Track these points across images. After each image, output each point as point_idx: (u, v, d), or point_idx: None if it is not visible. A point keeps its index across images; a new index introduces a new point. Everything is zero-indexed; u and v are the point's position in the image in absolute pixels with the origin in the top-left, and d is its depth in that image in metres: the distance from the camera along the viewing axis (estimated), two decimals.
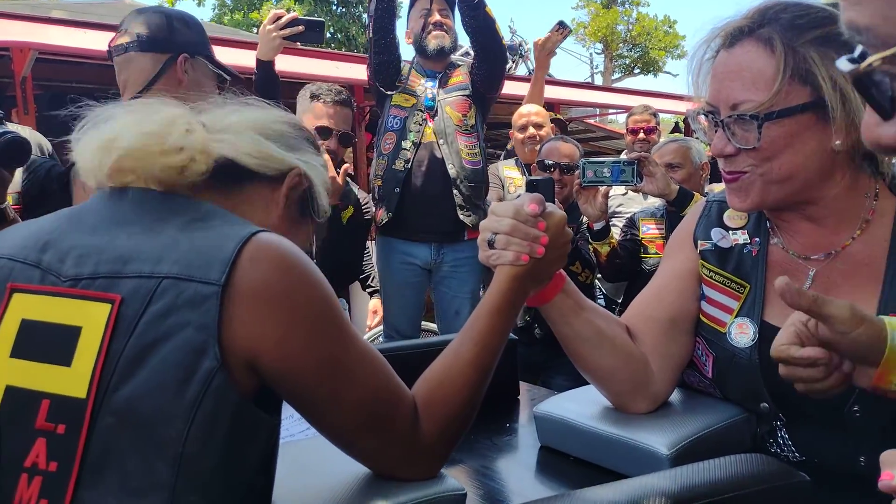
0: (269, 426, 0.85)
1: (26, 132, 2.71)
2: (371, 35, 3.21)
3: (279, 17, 2.48)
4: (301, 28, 2.49)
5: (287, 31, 2.46)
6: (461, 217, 3.19)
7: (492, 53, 3.23)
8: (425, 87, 3.28)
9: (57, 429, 0.80)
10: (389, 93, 3.28)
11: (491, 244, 1.11)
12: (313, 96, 2.88)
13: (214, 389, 0.79)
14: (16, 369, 0.83)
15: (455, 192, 3.18)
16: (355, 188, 3.30)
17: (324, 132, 2.82)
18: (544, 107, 4.13)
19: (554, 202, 1.16)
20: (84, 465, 0.78)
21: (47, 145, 2.75)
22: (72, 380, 0.81)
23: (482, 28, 3.15)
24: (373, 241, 3.47)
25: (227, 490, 0.81)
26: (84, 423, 0.79)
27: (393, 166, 3.20)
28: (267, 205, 1.04)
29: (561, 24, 3.92)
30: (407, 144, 3.20)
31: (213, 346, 0.80)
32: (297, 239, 1.02)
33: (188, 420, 0.78)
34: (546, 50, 3.93)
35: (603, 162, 2.61)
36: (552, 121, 4.77)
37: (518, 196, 1.15)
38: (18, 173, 1.98)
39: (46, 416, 0.80)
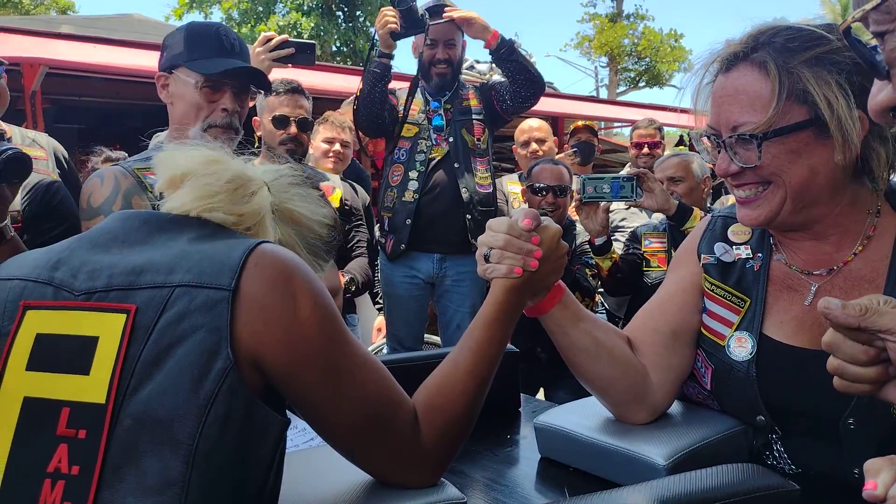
0: (279, 424, 0.89)
1: (43, 139, 2.73)
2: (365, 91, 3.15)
3: (269, 40, 2.46)
4: (292, 50, 2.46)
5: (276, 54, 2.43)
6: (471, 241, 3.17)
7: (533, 85, 3.26)
8: (429, 111, 3.27)
9: (78, 434, 0.83)
10: (372, 137, 3.37)
11: (487, 258, 1.15)
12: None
13: (227, 388, 0.83)
14: (33, 381, 0.87)
15: (467, 216, 3.18)
16: (336, 179, 3.31)
17: (281, 121, 2.88)
18: (549, 122, 4.17)
19: None
20: (105, 466, 0.82)
21: (64, 152, 2.78)
22: (91, 387, 0.84)
23: (518, 71, 3.20)
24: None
25: (238, 488, 0.84)
26: (104, 427, 0.83)
27: (403, 198, 3.21)
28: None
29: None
30: (413, 174, 3.20)
31: (226, 347, 0.84)
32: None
33: (201, 418, 0.82)
34: None
35: (602, 178, 2.65)
36: (584, 128, 4.79)
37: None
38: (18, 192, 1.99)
39: (67, 423, 0.84)
